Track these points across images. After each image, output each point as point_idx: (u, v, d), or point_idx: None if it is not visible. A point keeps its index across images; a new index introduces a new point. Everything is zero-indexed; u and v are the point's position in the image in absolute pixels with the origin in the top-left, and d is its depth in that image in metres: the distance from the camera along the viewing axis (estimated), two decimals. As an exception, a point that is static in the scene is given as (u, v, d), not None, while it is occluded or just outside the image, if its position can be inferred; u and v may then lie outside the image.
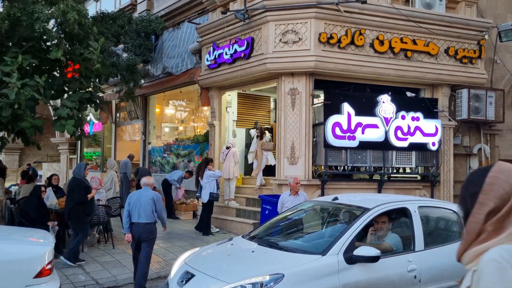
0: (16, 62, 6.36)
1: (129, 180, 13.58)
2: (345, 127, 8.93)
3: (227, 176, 10.34)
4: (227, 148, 10.60)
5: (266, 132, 11.06)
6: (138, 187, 12.63)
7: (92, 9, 14.07)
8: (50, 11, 6.74)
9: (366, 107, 9.17)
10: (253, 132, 11.31)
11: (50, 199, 8.61)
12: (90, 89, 8.16)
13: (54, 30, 7.51)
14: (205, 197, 9.63)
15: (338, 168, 9.26)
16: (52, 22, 7.33)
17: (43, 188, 8.21)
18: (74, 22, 6.90)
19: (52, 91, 7.40)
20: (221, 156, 10.68)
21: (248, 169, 12.14)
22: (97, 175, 15.84)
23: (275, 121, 11.34)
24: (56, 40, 7.27)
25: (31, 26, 6.85)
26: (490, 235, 1.42)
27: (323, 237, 4.96)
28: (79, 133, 7.86)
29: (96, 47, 7.16)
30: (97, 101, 8.35)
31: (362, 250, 4.21)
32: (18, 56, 6.45)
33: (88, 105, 8.21)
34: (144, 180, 6.33)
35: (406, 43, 9.51)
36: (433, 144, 9.67)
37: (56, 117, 7.17)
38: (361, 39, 9.12)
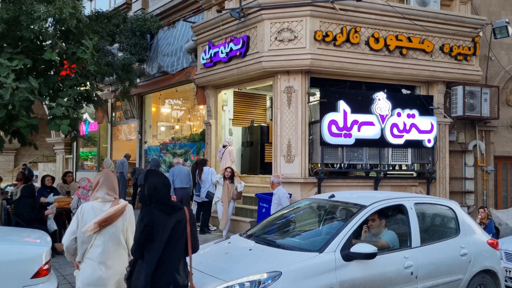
0: (11, 66, 6.30)
1: (126, 179, 13.55)
2: (341, 124, 8.95)
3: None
4: (224, 146, 10.59)
5: (237, 173, 9.65)
6: (135, 186, 12.67)
7: (87, 9, 14.01)
8: (48, 10, 6.67)
9: (362, 105, 9.19)
10: (220, 177, 9.27)
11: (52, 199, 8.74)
12: (86, 87, 8.11)
13: (50, 29, 7.43)
14: (204, 195, 9.66)
15: (335, 165, 9.29)
16: (48, 21, 7.26)
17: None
18: (70, 18, 6.84)
19: (47, 93, 7.33)
20: (218, 154, 10.67)
21: (245, 167, 12.16)
22: (93, 174, 15.84)
23: (271, 119, 11.34)
24: (51, 40, 7.21)
25: (29, 26, 6.78)
26: (91, 197, 3.70)
27: (320, 234, 4.97)
28: (74, 134, 7.77)
29: (89, 46, 7.08)
30: (95, 99, 8.28)
31: (359, 247, 4.23)
32: (13, 59, 6.39)
33: (85, 104, 8.15)
34: (175, 160, 9.85)
35: (401, 40, 9.54)
36: (429, 141, 9.72)
37: (51, 116, 7.10)
38: (356, 37, 9.14)
